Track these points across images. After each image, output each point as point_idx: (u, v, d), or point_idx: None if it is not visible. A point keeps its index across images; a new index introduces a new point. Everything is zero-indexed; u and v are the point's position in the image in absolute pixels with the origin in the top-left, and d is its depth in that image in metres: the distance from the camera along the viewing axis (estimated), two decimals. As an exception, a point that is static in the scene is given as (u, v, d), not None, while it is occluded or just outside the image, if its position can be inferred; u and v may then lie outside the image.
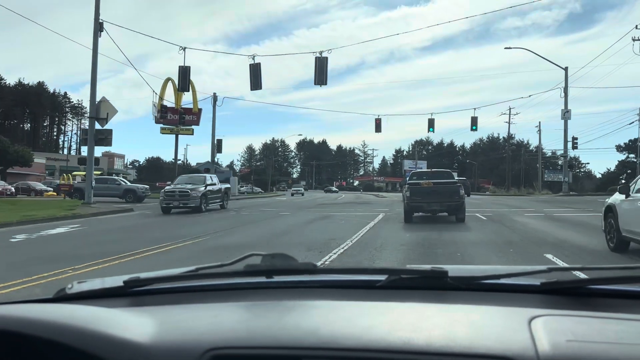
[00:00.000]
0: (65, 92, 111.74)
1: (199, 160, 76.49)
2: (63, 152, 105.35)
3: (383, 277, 1.34)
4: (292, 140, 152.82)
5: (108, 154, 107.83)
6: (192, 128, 45.54)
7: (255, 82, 25.08)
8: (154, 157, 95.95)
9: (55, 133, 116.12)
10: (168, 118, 43.81)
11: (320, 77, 23.47)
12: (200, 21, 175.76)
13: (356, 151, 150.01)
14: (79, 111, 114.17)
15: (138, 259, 9.05)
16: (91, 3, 24.97)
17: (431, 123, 40.73)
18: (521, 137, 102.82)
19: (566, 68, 45.02)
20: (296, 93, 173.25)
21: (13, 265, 8.62)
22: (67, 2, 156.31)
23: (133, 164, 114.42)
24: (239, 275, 1.36)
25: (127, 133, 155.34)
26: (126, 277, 1.39)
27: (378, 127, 40.05)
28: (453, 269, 1.32)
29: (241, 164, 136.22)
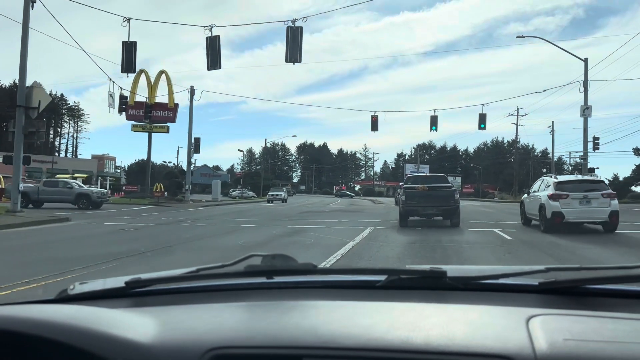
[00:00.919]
0: (61, 94, 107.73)
1: (196, 163, 71.46)
2: (59, 155, 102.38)
3: (382, 277, 1.36)
4: (293, 143, 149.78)
5: (98, 157, 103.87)
6: (167, 125, 40.65)
7: (213, 60, 20.06)
8: (144, 160, 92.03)
9: (52, 135, 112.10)
10: (130, 113, 38.71)
11: (293, 53, 18.70)
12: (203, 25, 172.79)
13: (357, 155, 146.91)
14: (76, 113, 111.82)
15: None
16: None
17: (434, 121, 36.03)
18: (526, 142, 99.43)
19: (586, 59, 40.04)
20: (298, 97, 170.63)
21: None
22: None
23: (118, 167, 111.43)
24: (240, 275, 1.36)
25: (121, 136, 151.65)
26: (127, 278, 1.39)
27: (374, 126, 35.78)
28: (452, 269, 1.32)
29: (241, 168, 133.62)
